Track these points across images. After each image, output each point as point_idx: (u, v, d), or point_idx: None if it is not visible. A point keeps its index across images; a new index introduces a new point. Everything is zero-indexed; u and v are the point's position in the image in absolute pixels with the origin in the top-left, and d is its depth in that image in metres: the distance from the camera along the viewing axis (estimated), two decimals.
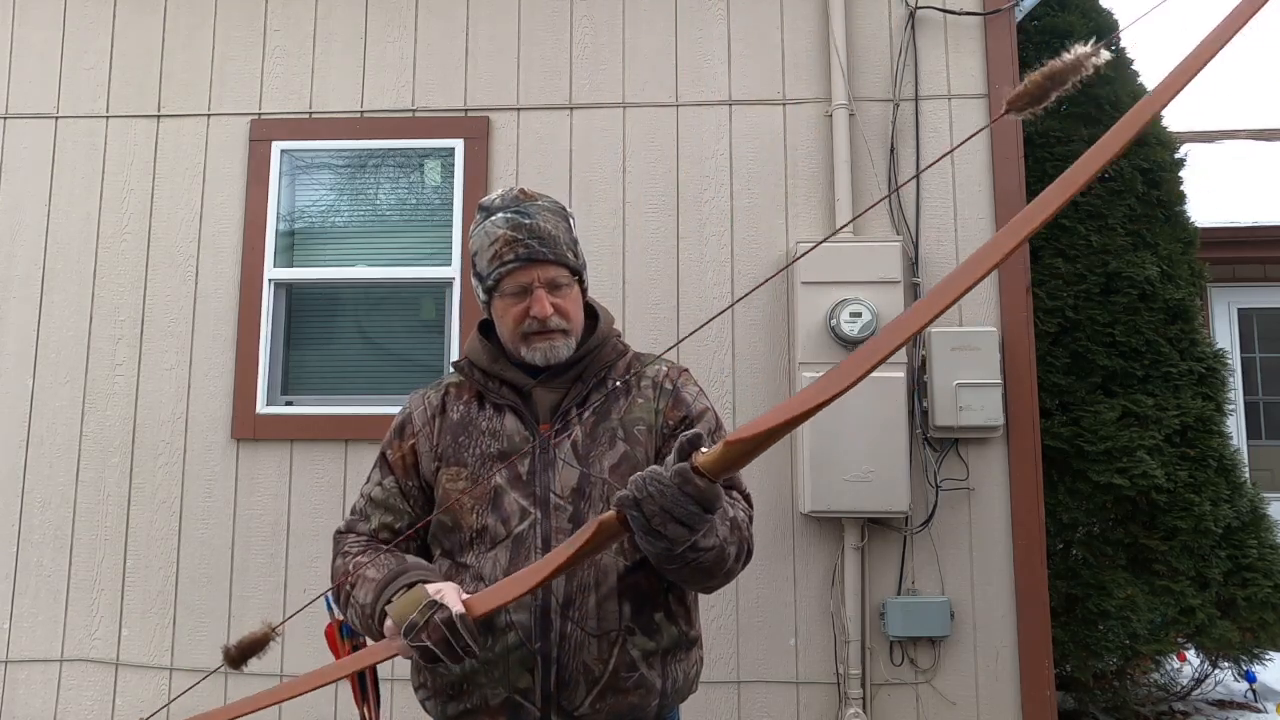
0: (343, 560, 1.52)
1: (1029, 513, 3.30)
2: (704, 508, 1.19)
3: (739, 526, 1.42)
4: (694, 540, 1.25)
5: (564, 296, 1.52)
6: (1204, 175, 6.44)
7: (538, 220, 1.51)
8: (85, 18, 3.83)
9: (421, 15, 3.75)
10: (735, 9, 3.68)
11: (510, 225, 1.50)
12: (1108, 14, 4.38)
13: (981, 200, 3.49)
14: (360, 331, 3.73)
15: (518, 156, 3.64)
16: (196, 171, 3.72)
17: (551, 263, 1.50)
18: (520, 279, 1.50)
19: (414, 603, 1.28)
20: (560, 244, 1.52)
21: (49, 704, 3.47)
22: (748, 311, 3.49)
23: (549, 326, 1.50)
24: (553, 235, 1.51)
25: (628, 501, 1.20)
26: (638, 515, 1.19)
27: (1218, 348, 4.11)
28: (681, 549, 1.24)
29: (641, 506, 1.19)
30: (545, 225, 1.51)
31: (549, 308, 1.49)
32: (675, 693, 1.50)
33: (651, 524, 1.19)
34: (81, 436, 3.59)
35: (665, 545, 1.22)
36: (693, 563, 1.30)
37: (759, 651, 3.33)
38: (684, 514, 1.18)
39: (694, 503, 1.18)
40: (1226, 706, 4.20)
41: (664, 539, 1.21)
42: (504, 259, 1.49)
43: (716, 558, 1.34)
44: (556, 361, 1.52)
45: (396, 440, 1.60)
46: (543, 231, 1.50)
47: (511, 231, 1.49)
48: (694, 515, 1.19)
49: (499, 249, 1.50)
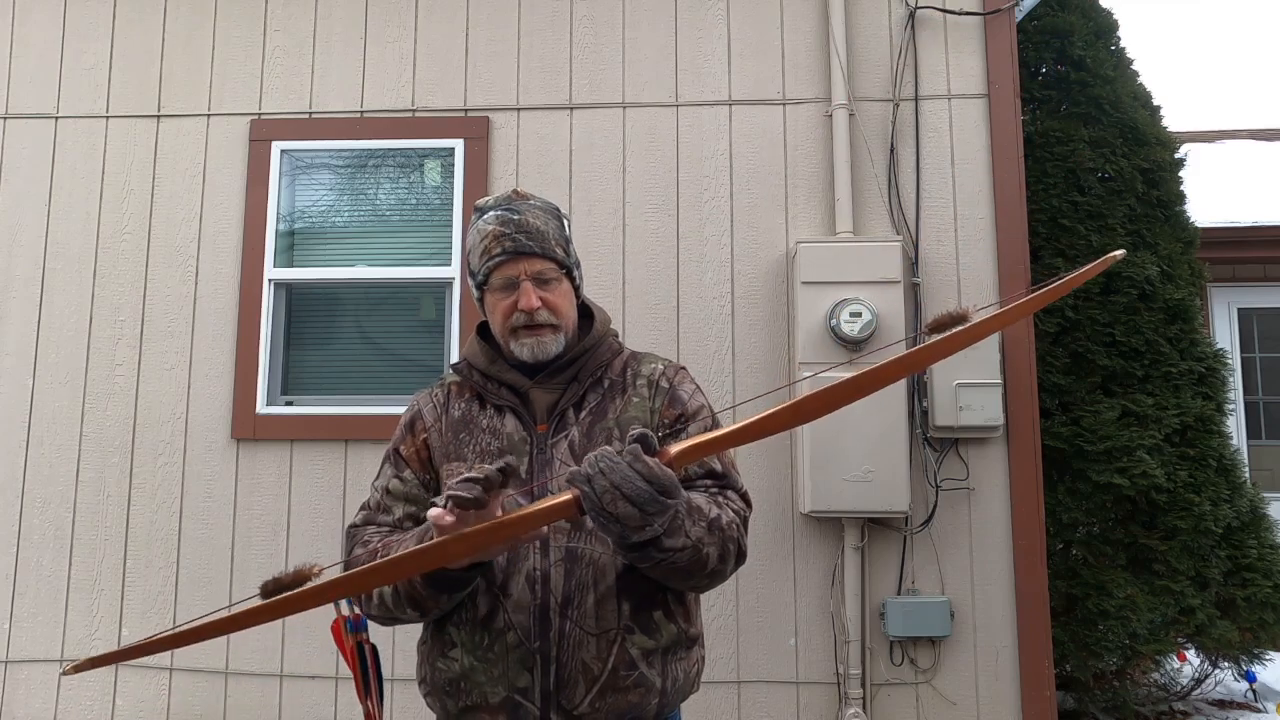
0: (362, 549, 1.51)
1: (1029, 513, 3.30)
2: (654, 488, 1.19)
3: (721, 528, 1.40)
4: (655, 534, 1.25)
5: (552, 291, 1.53)
6: (1204, 175, 6.45)
7: (526, 216, 1.53)
8: (85, 18, 3.83)
9: (421, 15, 3.75)
10: (735, 9, 3.68)
11: (499, 221, 1.52)
12: (1108, 14, 4.38)
13: (981, 200, 3.49)
14: (360, 331, 3.73)
15: (518, 156, 3.64)
16: (196, 171, 3.72)
17: (538, 256, 1.51)
18: (508, 271, 1.51)
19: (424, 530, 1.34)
20: (548, 239, 1.53)
21: (49, 704, 3.47)
22: (748, 311, 3.50)
23: (536, 320, 1.51)
24: (541, 230, 1.52)
25: (579, 477, 1.21)
26: (589, 492, 1.20)
27: (1218, 348, 4.11)
28: (638, 540, 1.25)
29: (592, 483, 1.20)
30: (534, 221, 1.53)
31: (535, 300, 1.50)
32: (676, 691, 1.50)
33: (602, 501, 1.19)
34: (81, 436, 3.59)
35: (618, 529, 1.22)
36: (664, 563, 1.31)
37: (759, 651, 3.33)
38: (633, 491, 1.19)
39: (643, 479, 1.19)
40: (1226, 706, 4.20)
41: (615, 521, 1.20)
42: (492, 253, 1.52)
43: (691, 559, 1.34)
44: (545, 357, 1.53)
45: (409, 436, 1.61)
46: (530, 227, 1.52)
47: (500, 227, 1.52)
48: (643, 493, 1.19)
49: (488, 244, 1.52)
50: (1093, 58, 4.16)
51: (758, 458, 3.36)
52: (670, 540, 1.30)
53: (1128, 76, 4.32)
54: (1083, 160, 4.01)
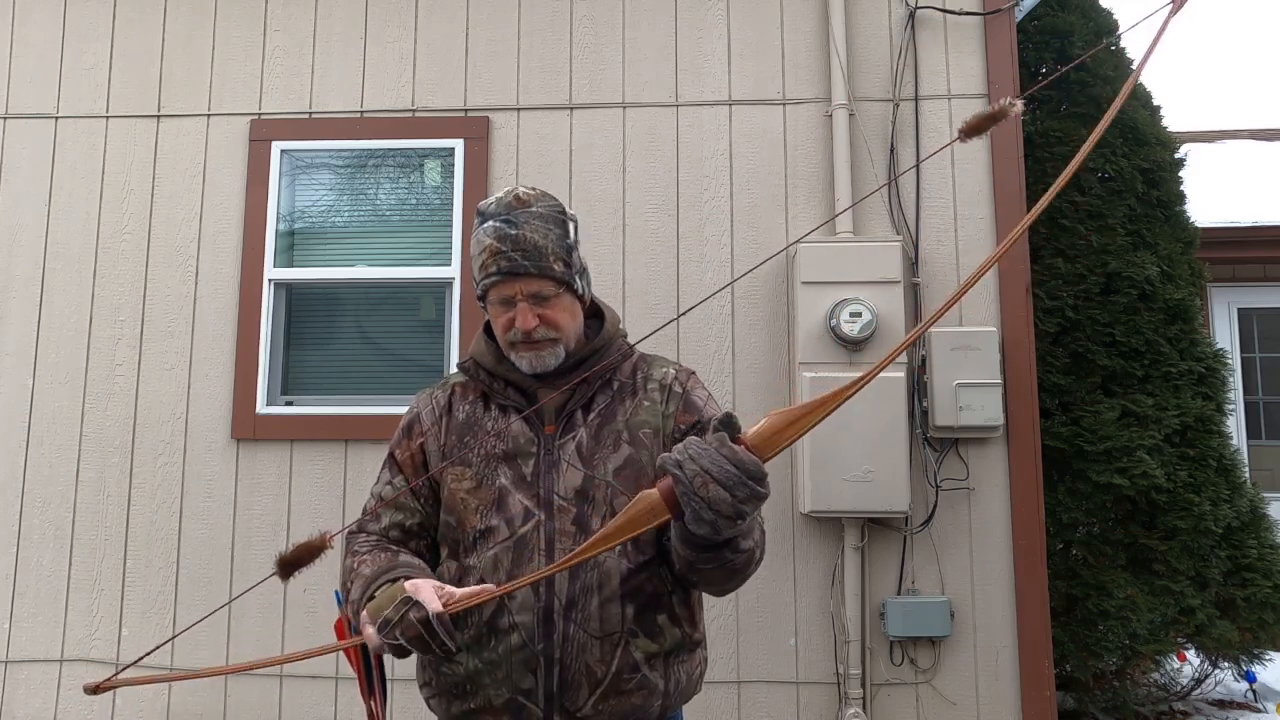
0: (351, 559, 1.52)
1: (1029, 513, 3.30)
2: (743, 472, 1.20)
3: (764, 534, 1.47)
4: (746, 527, 1.28)
5: (551, 306, 1.50)
6: (1204, 175, 6.45)
7: (524, 231, 1.47)
8: (85, 18, 3.83)
9: (421, 15, 3.75)
10: (735, 9, 3.68)
11: (496, 235, 1.48)
12: (1107, 14, 4.38)
13: (981, 200, 3.49)
14: (360, 331, 3.73)
15: (518, 156, 3.64)
16: (196, 171, 3.72)
17: (534, 276, 1.47)
18: (504, 291, 1.49)
19: (390, 598, 1.31)
20: (546, 255, 1.47)
21: (49, 704, 3.47)
22: (748, 311, 3.50)
23: (534, 338, 1.49)
24: (538, 246, 1.47)
25: (669, 462, 1.22)
26: (681, 476, 1.20)
27: (1218, 348, 4.11)
28: (731, 533, 1.26)
29: (683, 468, 1.20)
30: (532, 236, 1.47)
31: (532, 320, 1.48)
32: (678, 694, 1.50)
33: (694, 485, 1.19)
34: (81, 436, 3.59)
35: (711, 519, 1.20)
36: (729, 564, 1.35)
37: (759, 651, 3.33)
38: (722, 475, 1.19)
39: (731, 464, 1.19)
40: (1226, 706, 4.20)
41: (708, 507, 1.20)
42: (488, 270, 1.49)
43: (748, 560, 1.39)
44: (544, 370, 1.53)
45: (405, 439, 1.61)
46: (528, 243, 1.46)
47: (496, 242, 1.47)
48: (733, 477, 1.19)
49: (485, 259, 1.49)
50: (1093, 58, 4.16)
51: None
52: (745, 541, 1.34)
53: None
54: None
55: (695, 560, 1.34)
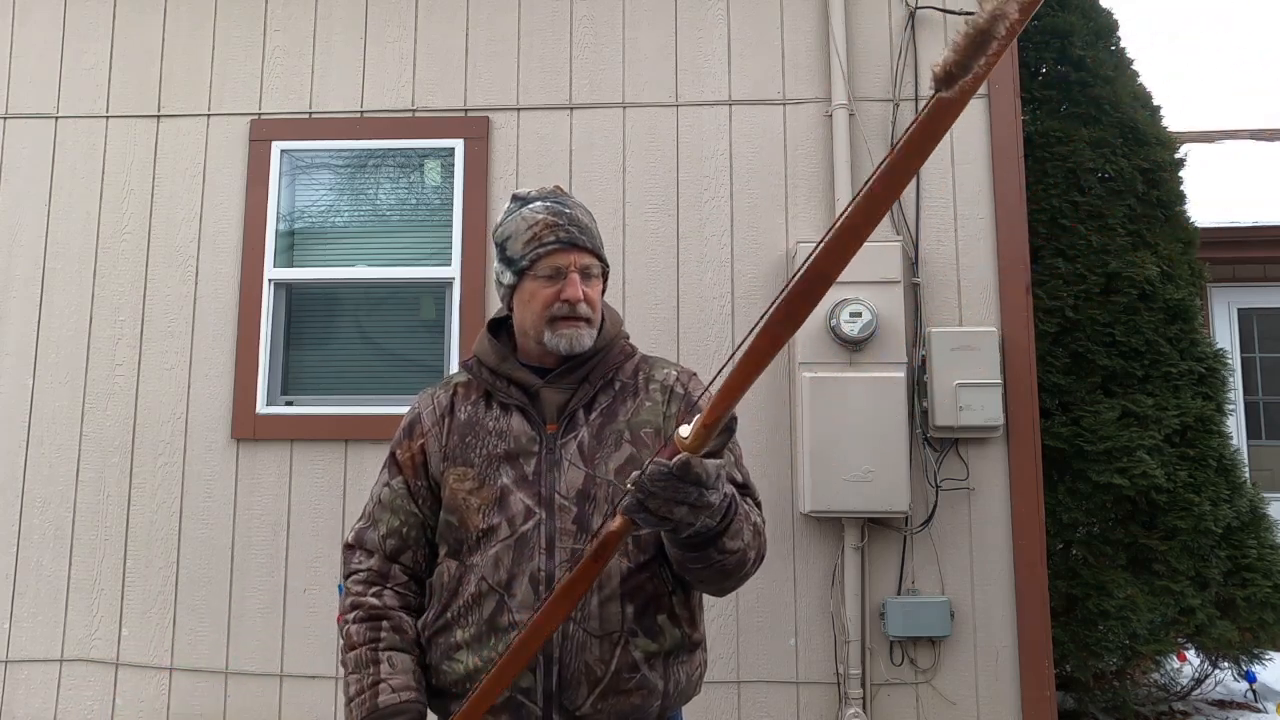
0: (349, 585, 1.57)
1: (1029, 513, 3.30)
2: (691, 482, 1.21)
3: (760, 533, 1.47)
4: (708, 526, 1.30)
5: (593, 287, 1.56)
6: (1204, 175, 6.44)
7: (576, 212, 1.57)
8: (85, 18, 3.83)
9: (421, 15, 3.75)
10: (735, 9, 3.68)
11: (550, 212, 1.55)
12: (1107, 14, 4.38)
13: (981, 200, 3.49)
14: (360, 331, 3.73)
15: (518, 156, 3.64)
16: (196, 171, 3.72)
17: (588, 251, 1.55)
18: (558, 260, 1.52)
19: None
20: (595, 236, 1.58)
21: (49, 704, 3.47)
22: (748, 311, 3.49)
23: (578, 313, 1.52)
24: (589, 227, 1.57)
25: (633, 507, 1.24)
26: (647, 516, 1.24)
27: (1218, 348, 4.11)
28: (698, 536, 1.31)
29: (646, 505, 1.23)
30: (582, 217, 1.57)
31: (581, 292, 1.52)
32: (678, 694, 1.50)
33: (659, 515, 1.23)
34: (81, 436, 3.59)
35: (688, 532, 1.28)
36: (718, 564, 1.38)
37: (759, 651, 3.33)
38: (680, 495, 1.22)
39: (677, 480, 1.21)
40: (1226, 706, 4.20)
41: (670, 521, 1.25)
42: (543, 240, 1.52)
43: (739, 560, 1.40)
44: (581, 349, 1.54)
45: (406, 440, 1.61)
46: (581, 222, 1.56)
47: (552, 217, 1.54)
48: (686, 492, 1.22)
49: (538, 231, 1.52)
50: (1093, 58, 4.16)
51: (758, 457, 3.36)
52: (732, 542, 1.37)
53: (1128, 76, 4.31)
54: (1083, 160, 4.01)
55: (684, 559, 1.39)
